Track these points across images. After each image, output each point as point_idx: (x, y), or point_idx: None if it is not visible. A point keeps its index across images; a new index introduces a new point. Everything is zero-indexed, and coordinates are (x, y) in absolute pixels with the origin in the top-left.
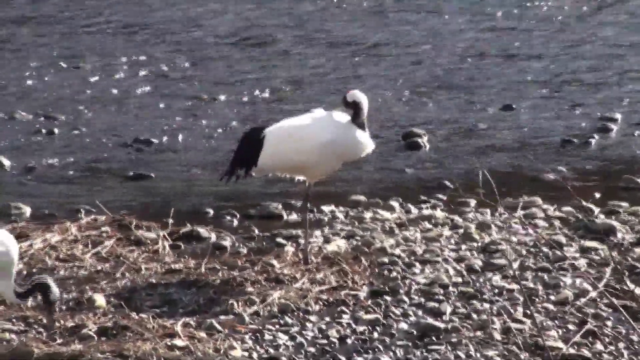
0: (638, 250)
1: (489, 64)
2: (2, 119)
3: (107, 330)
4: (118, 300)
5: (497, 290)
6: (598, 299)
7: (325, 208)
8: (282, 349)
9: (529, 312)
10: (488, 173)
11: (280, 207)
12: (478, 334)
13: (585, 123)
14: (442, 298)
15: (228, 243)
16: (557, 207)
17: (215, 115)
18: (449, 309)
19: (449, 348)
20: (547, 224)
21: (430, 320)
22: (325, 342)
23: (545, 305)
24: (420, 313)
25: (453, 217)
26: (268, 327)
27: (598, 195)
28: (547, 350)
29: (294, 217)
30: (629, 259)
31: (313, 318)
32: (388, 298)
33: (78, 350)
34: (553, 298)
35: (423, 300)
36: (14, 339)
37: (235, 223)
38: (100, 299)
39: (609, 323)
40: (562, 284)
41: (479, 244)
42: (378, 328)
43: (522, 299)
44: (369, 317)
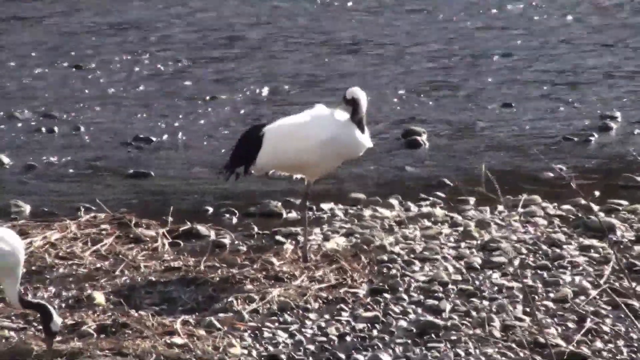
0: (637, 248)
1: (489, 63)
2: (2, 118)
3: (106, 328)
4: (117, 298)
5: (496, 288)
6: (597, 297)
7: (325, 206)
8: (281, 347)
9: (532, 310)
10: (488, 171)
11: (280, 205)
12: (477, 332)
13: (585, 121)
14: (441, 296)
15: (227, 241)
16: (556, 205)
17: (215, 114)
18: (449, 307)
19: (449, 345)
20: (546, 222)
21: (430, 318)
22: (325, 339)
23: (545, 303)
24: (420, 311)
25: (452, 214)
26: (267, 324)
27: (598, 194)
28: (550, 348)
29: (294, 215)
30: (629, 257)
31: (312, 316)
32: (387, 296)
33: (77, 348)
34: (552, 296)
35: (422, 298)
36: (14, 337)
37: (235, 221)
38: (100, 297)
39: (609, 321)
40: (561, 282)
41: (479, 242)
42: (377, 325)
43: (522, 297)
44: (368, 314)
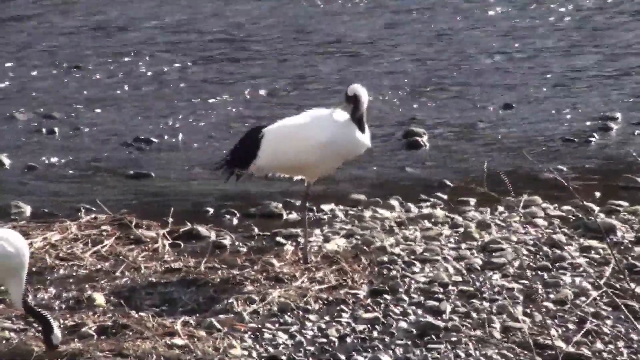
0: (638, 249)
1: (489, 63)
2: (2, 118)
3: (106, 329)
4: (118, 299)
5: (496, 289)
6: (598, 298)
7: (325, 207)
8: (281, 348)
9: (540, 313)
10: (485, 174)
11: (280, 206)
12: (478, 333)
13: (586, 122)
14: (441, 297)
15: (228, 242)
16: (557, 206)
17: (215, 115)
18: (449, 308)
19: (449, 347)
20: (546, 223)
21: (430, 319)
22: (325, 340)
23: (545, 304)
24: (420, 312)
25: (453, 215)
26: (267, 325)
27: (598, 195)
28: (557, 351)
29: (294, 216)
30: (629, 258)
31: (312, 317)
32: (388, 297)
33: (78, 349)
34: (553, 297)
35: (423, 299)
36: (14, 338)
37: (235, 222)
38: (100, 298)
39: (609, 322)
40: (561, 283)
41: (479, 243)
42: (377, 327)
43: (522, 298)
44: (369, 316)
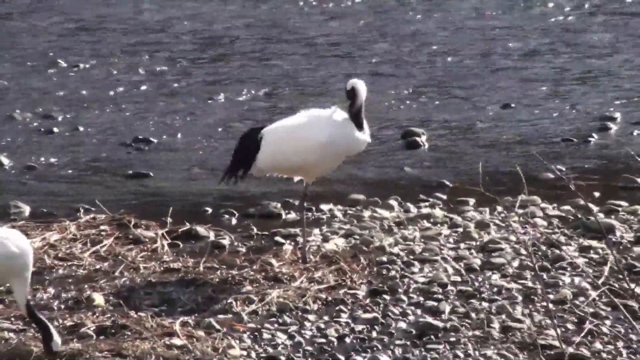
0: (637, 249)
1: (488, 63)
2: (1, 119)
3: (105, 329)
4: (117, 299)
5: (495, 289)
6: (597, 298)
7: (324, 207)
8: (280, 348)
9: (549, 313)
10: (487, 172)
11: (279, 206)
12: (477, 333)
13: (585, 122)
14: (440, 297)
15: (227, 242)
16: (556, 206)
17: (214, 115)
18: (448, 308)
19: (448, 347)
20: (546, 223)
21: (429, 319)
22: (324, 341)
23: (544, 304)
24: (419, 312)
25: (452, 216)
26: (266, 326)
27: (597, 195)
28: (563, 350)
29: (293, 216)
30: (628, 258)
31: (311, 317)
32: (387, 297)
33: (77, 349)
34: (552, 297)
35: (422, 299)
36: (13, 338)
37: (234, 222)
38: (99, 298)
39: (608, 322)
40: (561, 283)
41: (478, 243)
42: (376, 327)
43: (521, 298)
44: (368, 316)
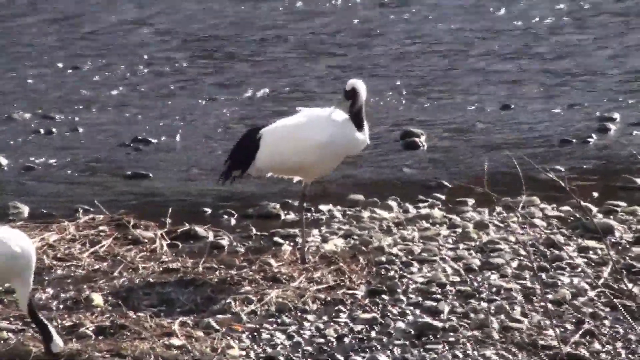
0: (636, 250)
1: (487, 64)
2: (0, 119)
3: (104, 329)
4: (115, 299)
5: (494, 289)
6: (596, 298)
7: (323, 207)
8: (279, 348)
9: (549, 318)
10: (486, 172)
11: (278, 206)
12: (476, 333)
13: (584, 123)
14: (439, 297)
15: (226, 242)
16: (555, 206)
17: (213, 115)
18: (447, 308)
19: (447, 347)
20: (545, 223)
21: (428, 319)
22: (323, 341)
23: (543, 304)
24: (418, 312)
25: (451, 216)
26: (265, 326)
27: (596, 195)
28: (561, 350)
29: (292, 216)
30: (627, 258)
31: (310, 317)
32: (385, 297)
33: (76, 349)
34: (551, 297)
35: (421, 300)
36: (12, 338)
37: (233, 222)
38: (98, 298)
39: (607, 322)
40: (559, 283)
41: (477, 243)
42: (375, 327)
43: (520, 298)
44: (367, 316)
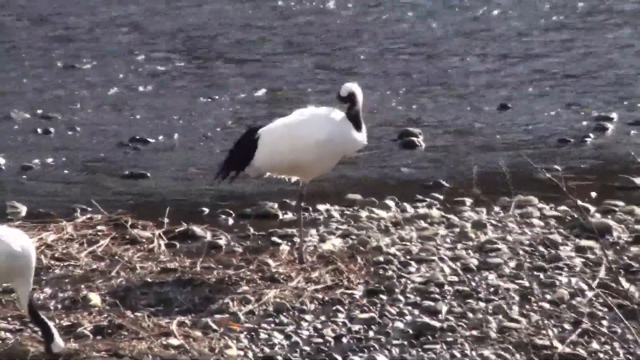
0: (634, 249)
1: (485, 64)
2: None
3: (102, 329)
4: (113, 299)
5: (492, 289)
6: (594, 298)
7: (321, 207)
8: (277, 348)
9: (544, 319)
10: (485, 172)
11: (276, 206)
12: (474, 333)
13: (581, 122)
14: (437, 297)
15: (223, 242)
16: (553, 206)
17: (212, 115)
18: (445, 308)
19: (445, 347)
20: (543, 223)
21: (426, 319)
22: (321, 341)
23: (541, 304)
24: (416, 312)
25: (449, 216)
26: (263, 326)
27: (594, 195)
28: (553, 350)
29: (290, 216)
30: (625, 258)
31: (308, 317)
32: (384, 297)
33: (73, 349)
34: (549, 297)
35: (419, 299)
36: (10, 338)
37: (231, 222)
38: (96, 298)
39: (605, 322)
40: (557, 283)
41: (475, 243)
42: (373, 327)
43: (518, 298)
44: (365, 316)
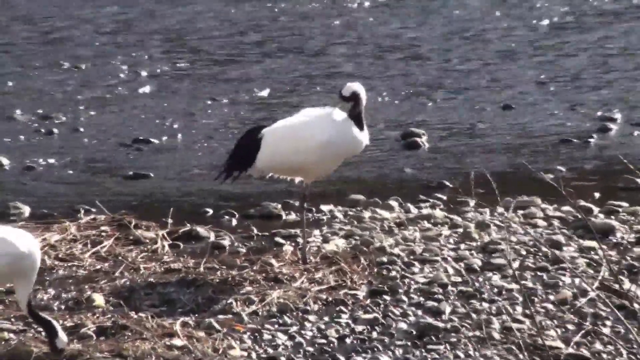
0: (637, 250)
1: (489, 64)
2: (1, 119)
3: (106, 330)
4: (117, 300)
5: (496, 290)
6: (597, 299)
7: (324, 207)
8: (280, 349)
9: (533, 319)
10: (487, 173)
11: (279, 206)
12: (477, 334)
13: (585, 123)
14: (441, 297)
15: (227, 242)
16: (556, 206)
17: (214, 115)
18: (448, 309)
19: (448, 348)
20: (546, 224)
21: (430, 320)
22: (324, 341)
23: (545, 305)
24: (420, 312)
25: (452, 216)
26: (267, 326)
27: (597, 195)
28: (548, 351)
29: (293, 216)
30: (628, 258)
31: (312, 317)
32: (387, 297)
33: (77, 350)
34: (552, 298)
35: (422, 300)
36: (13, 339)
37: (234, 222)
38: (99, 299)
39: (608, 323)
40: (561, 284)
41: (478, 244)
42: (377, 327)
43: (521, 299)
44: (368, 316)
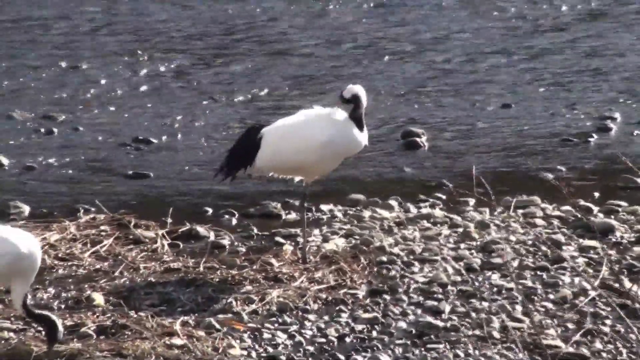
0: (637, 249)
1: (488, 63)
2: (1, 118)
3: (105, 329)
4: (117, 299)
5: (495, 289)
6: (597, 298)
7: (324, 207)
8: (280, 348)
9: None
10: (487, 172)
11: (279, 206)
12: (477, 333)
13: (585, 122)
14: (441, 297)
15: (227, 242)
16: (556, 206)
17: (214, 115)
18: (448, 308)
19: (448, 347)
20: (545, 223)
21: (429, 319)
22: (324, 340)
23: (544, 304)
24: (419, 312)
25: (452, 216)
26: (267, 325)
27: (597, 195)
28: (545, 351)
29: (293, 216)
30: (628, 258)
31: (312, 317)
32: (387, 297)
33: (77, 349)
34: (552, 297)
35: (422, 299)
36: (13, 338)
37: (234, 222)
38: (99, 298)
39: (608, 322)
40: (560, 283)
41: (478, 243)
42: (377, 327)
43: (521, 298)
44: (368, 315)
